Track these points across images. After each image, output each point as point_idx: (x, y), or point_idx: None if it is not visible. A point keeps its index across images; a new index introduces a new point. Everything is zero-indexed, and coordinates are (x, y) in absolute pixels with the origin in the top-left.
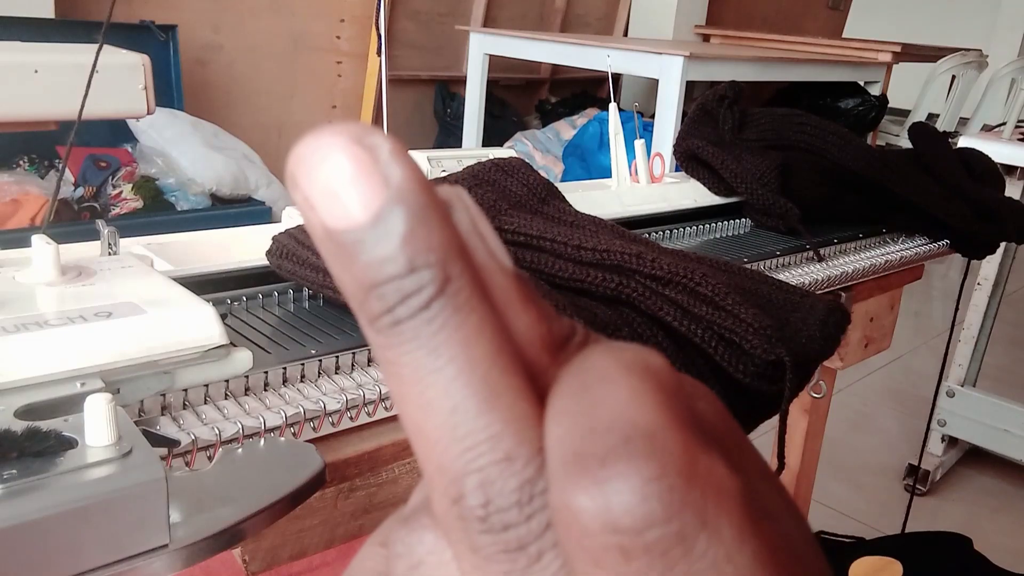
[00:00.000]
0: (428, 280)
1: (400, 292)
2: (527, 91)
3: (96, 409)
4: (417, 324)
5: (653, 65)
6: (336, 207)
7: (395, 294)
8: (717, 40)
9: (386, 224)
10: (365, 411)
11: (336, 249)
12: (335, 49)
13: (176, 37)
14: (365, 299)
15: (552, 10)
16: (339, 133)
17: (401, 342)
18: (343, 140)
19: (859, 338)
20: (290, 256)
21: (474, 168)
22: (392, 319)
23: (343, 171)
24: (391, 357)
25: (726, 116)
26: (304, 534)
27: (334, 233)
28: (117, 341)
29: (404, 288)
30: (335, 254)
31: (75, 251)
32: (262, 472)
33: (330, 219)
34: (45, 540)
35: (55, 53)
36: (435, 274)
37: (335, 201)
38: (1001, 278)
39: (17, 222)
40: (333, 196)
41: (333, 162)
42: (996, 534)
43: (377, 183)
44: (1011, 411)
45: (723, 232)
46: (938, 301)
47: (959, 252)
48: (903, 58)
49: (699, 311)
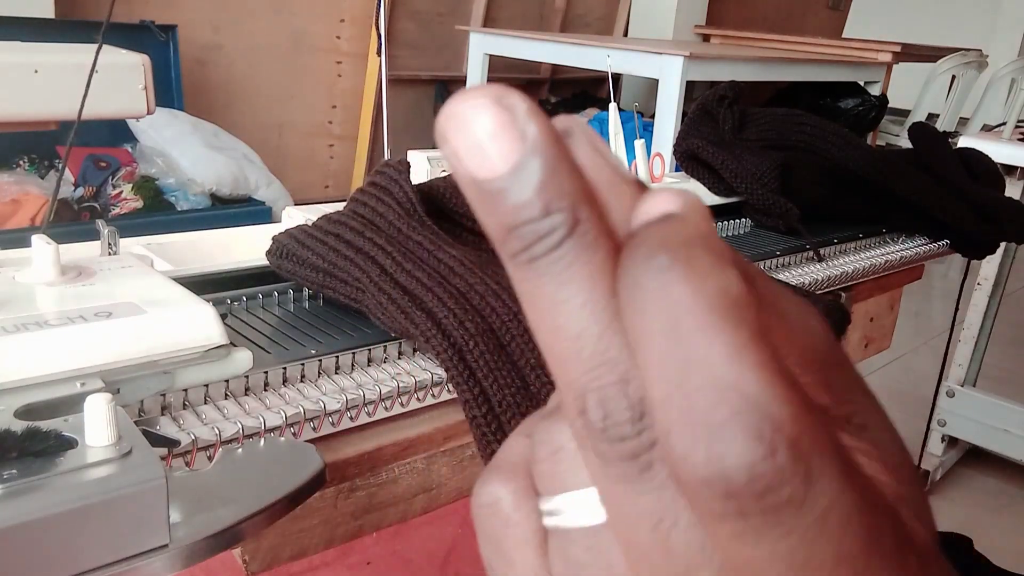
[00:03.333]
0: (560, 223)
1: (536, 233)
2: (527, 91)
3: (96, 409)
4: (550, 260)
5: (653, 65)
6: (482, 159)
7: (531, 234)
8: (717, 40)
9: (524, 174)
10: (365, 411)
11: (481, 196)
12: (335, 49)
13: (176, 37)
14: (506, 239)
15: (552, 10)
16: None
17: (537, 275)
18: (486, 100)
19: (859, 338)
20: (290, 256)
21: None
22: (529, 256)
23: (487, 128)
24: (528, 289)
25: (726, 116)
26: (304, 534)
27: (480, 182)
28: (117, 341)
29: (540, 229)
30: (481, 200)
31: (75, 251)
32: (262, 472)
33: (477, 170)
34: (45, 540)
35: (55, 53)
36: (566, 217)
37: (481, 154)
38: (1001, 278)
39: (17, 222)
40: (479, 149)
41: (479, 120)
42: (996, 534)
43: (515, 138)
44: (1011, 411)
45: (723, 232)
46: (938, 301)
47: (959, 252)
48: (903, 58)
49: None
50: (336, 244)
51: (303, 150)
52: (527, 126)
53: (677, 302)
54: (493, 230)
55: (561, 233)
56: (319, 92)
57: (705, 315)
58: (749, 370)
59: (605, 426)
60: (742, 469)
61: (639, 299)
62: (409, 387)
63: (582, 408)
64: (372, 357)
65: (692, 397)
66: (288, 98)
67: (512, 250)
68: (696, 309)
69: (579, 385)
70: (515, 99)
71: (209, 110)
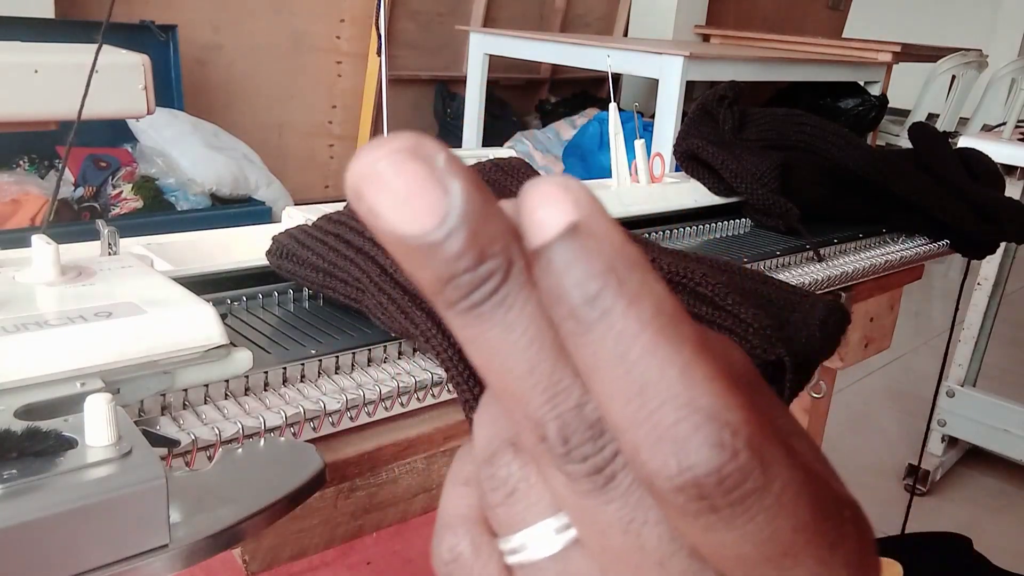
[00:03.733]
0: (497, 267)
1: (474, 281)
2: (527, 91)
3: (96, 409)
4: (492, 305)
5: (653, 65)
6: (406, 216)
7: (469, 284)
8: (717, 40)
9: (453, 225)
10: (365, 411)
11: (410, 251)
12: (335, 49)
13: (176, 37)
14: (442, 290)
15: (552, 10)
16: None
17: (480, 322)
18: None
19: (859, 338)
20: (290, 256)
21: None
22: (469, 304)
23: (408, 183)
24: (472, 335)
25: (726, 116)
26: (304, 534)
27: (407, 238)
28: (117, 341)
29: (477, 278)
30: (409, 256)
31: (75, 251)
32: (262, 472)
33: (402, 227)
34: (45, 540)
35: (55, 53)
36: (501, 261)
37: (405, 210)
38: (1001, 278)
39: (17, 222)
40: (402, 206)
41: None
42: (996, 534)
43: (439, 190)
44: (1011, 411)
45: (723, 232)
46: (938, 301)
47: (959, 252)
48: (903, 58)
49: (699, 311)
50: (336, 244)
51: (303, 150)
52: (448, 176)
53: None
54: (426, 283)
55: (499, 278)
56: (319, 92)
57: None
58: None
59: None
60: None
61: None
62: (409, 387)
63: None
64: (372, 357)
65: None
66: (288, 98)
67: (450, 300)
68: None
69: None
70: (431, 148)
71: (209, 110)
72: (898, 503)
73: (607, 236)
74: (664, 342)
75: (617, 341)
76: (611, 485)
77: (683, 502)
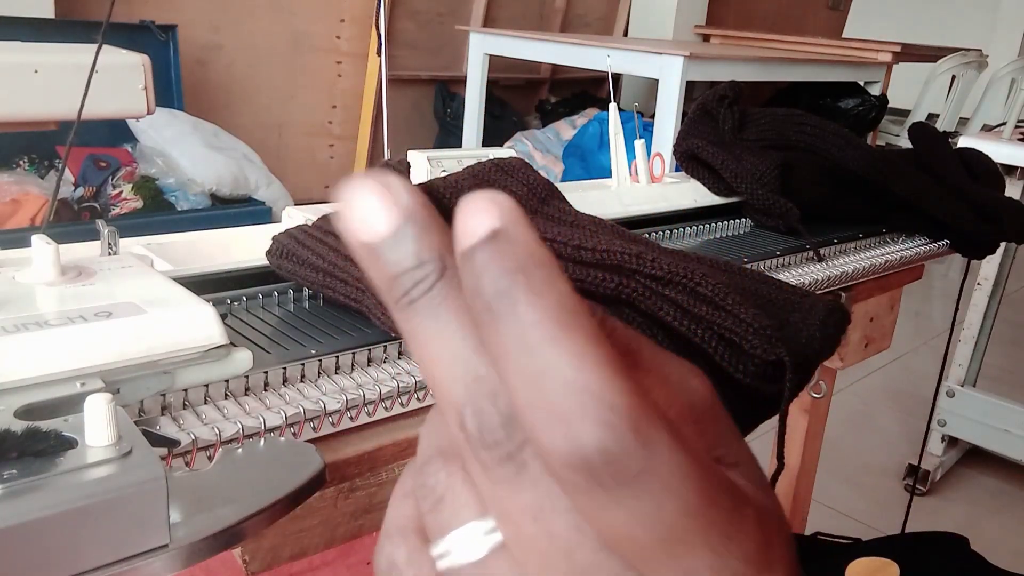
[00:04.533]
0: (431, 269)
1: (412, 280)
2: (527, 91)
3: (96, 409)
4: (426, 300)
5: (653, 65)
6: (368, 227)
7: (409, 281)
8: (717, 40)
9: (401, 235)
10: (365, 411)
11: (369, 256)
12: (335, 49)
13: (176, 37)
14: (390, 288)
15: (552, 10)
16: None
17: (416, 315)
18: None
19: (859, 338)
20: (290, 256)
21: (474, 168)
22: (408, 299)
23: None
24: (410, 328)
25: (726, 116)
26: (304, 534)
27: (367, 245)
28: (117, 341)
29: (416, 276)
30: (369, 259)
31: (75, 251)
32: (262, 472)
33: (365, 235)
34: (45, 540)
35: (55, 53)
36: (436, 265)
37: (367, 222)
38: (1001, 278)
39: (17, 222)
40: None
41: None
42: (996, 534)
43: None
44: (1011, 411)
45: (723, 232)
46: (938, 301)
47: (959, 252)
48: (903, 58)
49: (699, 311)
50: (336, 244)
51: (303, 150)
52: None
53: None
54: (380, 283)
55: (433, 278)
56: (319, 92)
57: (548, 328)
58: (590, 370)
59: (481, 434)
60: (596, 451)
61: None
62: (409, 387)
63: (461, 423)
64: (372, 357)
65: (549, 399)
66: (288, 98)
67: (395, 296)
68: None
69: (457, 402)
70: (391, 178)
71: (209, 110)
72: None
73: (522, 240)
74: (562, 332)
75: (522, 330)
76: (523, 474)
77: (575, 479)
